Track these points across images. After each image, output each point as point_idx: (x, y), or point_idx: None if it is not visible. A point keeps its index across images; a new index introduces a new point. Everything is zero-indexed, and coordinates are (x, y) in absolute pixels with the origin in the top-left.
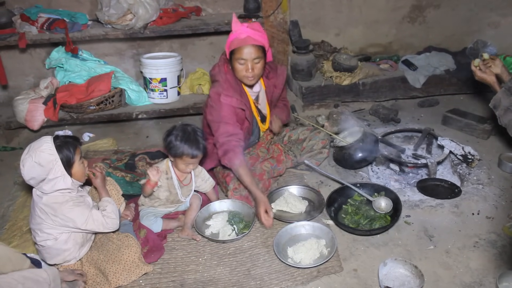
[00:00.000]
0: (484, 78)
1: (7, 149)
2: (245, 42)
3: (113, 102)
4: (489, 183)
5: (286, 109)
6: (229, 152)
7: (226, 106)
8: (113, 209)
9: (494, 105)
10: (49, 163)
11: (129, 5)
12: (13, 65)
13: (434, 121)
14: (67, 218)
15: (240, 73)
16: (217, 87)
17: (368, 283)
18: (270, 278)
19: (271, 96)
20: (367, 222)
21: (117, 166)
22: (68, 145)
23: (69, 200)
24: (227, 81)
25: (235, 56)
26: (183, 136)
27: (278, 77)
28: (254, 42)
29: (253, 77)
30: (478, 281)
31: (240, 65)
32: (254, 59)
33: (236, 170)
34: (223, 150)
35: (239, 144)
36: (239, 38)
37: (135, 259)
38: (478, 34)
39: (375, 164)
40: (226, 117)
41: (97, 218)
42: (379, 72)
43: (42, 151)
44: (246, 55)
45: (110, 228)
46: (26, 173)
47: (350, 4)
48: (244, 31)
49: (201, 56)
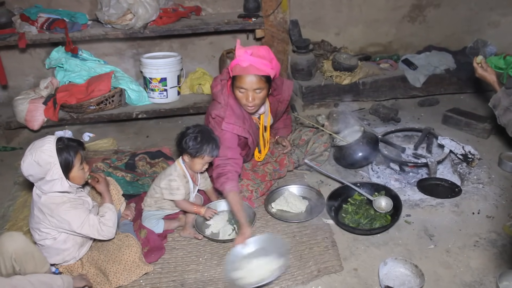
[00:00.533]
0: (485, 76)
1: (7, 149)
2: (246, 72)
3: (113, 102)
4: (489, 182)
5: (290, 125)
6: (222, 176)
7: (228, 133)
8: (112, 217)
9: (493, 104)
10: (47, 164)
11: (129, 5)
12: (13, 65)
13: (434, 121)
14: (62, 219)
15: (240, 100)
16: (219, 110)
17: (369, 283)
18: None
19: (276, 110)
20: (368, 221)
21: (117, 166)
22: (69, 149)
23: (67, 201)
24: (229, 107)
25: (236, 84)
26: (203, 137)
27: (283, 93)
28: (257, 72)
29: (253, 106)
30: (478, 280)
31: (240, 93)
32: (255, 89)
33: (227, 196)
34: (217, 173)
35: (234, 170)
36: (241, 66)
37: (136, 259)
38: (478, 33)
39: (375, 163)
40: (227, 141)
41: (93, 223)
42: (379, 72)
43: (43, 152)
44: (247, 84)
45: (105, 236)
46: (25, 170)
47: (350, 3)
48: (247, 59)
49: (201, 55)
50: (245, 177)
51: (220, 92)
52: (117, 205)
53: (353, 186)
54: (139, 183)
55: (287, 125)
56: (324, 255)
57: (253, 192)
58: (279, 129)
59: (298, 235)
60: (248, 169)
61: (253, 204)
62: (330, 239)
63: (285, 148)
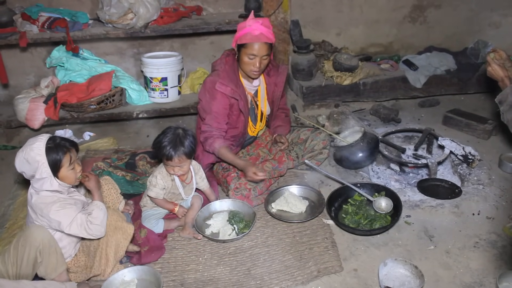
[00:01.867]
0: (497, 71)
1: (7, 148)
2: (258, 39)
3: (113, 101)
4: (489, 184)
5: (288, 124)
6: (209, 139)
7: (219, 95)
8: (99, 214)
9: (500, 100)
10: (35, 162)
11: (130, 4)
12: (14, 64)
13: (434, 121)
14: (52, 220)
15: (247, 66)
16: (214, 75)
17: (368, 283)
18: (270, 278)
19: (272, 95)
20: (367, 222)
21: (117, 165)
22: (58, 149)
23: (57, 201)
24: (225, 71)
25: (246, 51)
26: (169, 139)
27: (279, 76)
28: (267, 40)
29: (259, 71)
30: (478, 281)
31: (249, 60)
32: (263, 56)
33: (218, 152)
34: (204, 137)
35: (220, 135)
36: (253, 34)
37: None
38: (479, 34)
39: (376, 164)
40: (215, 111)
41: (81, 222)
42: (380, 72)
43: (32, 149)
44: (257, 51)
45: (93, 235)
46: (17, 166)
47: (351, 3)
48: (259, 28)
49: (202, 55)
50: (243, 175)
51: (219, 63)
52: (116, 204)
53: (353, 187)
54: (139, 183)
55: (286, 124)
56: (324, 255)
57: (251, 190)
58: (277, 127)
59: (298, 235)
60: None
61: (251, 202)
62: (330, 239)
63: (282, 145)
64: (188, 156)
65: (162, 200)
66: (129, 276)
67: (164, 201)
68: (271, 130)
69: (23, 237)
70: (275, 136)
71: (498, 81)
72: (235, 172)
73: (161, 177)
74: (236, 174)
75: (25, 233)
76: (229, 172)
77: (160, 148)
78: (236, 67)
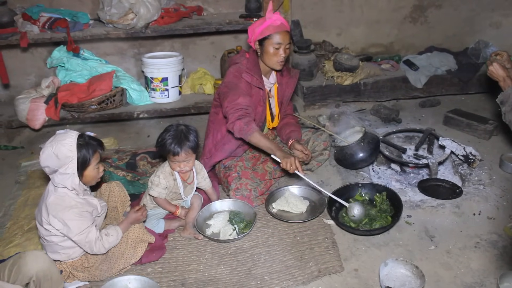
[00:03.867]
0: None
1: (8, 148)
2: (281, 28)
3: (114, 102)
4: (490, 184)
5: (300, 129)
6: (246, 116)
7: (243, 83)
8: (113, 241)
9: (501, 100)
10: (65, 158)
11: (131, 4)
12: (15, 64)
13: (435, 121)
14: (64, 224)
15: (273, 57)
16: (238, 66)
17: (369, 283)
18: (270, 278)
19: (282, 96)
20: (368, 222)
21: (118, 165)
22: (89, 147)
23: (74, 207)
24: (250, 62)
25: (271, 41)
26: (169, 136)
27: (291, 78)
28: (287, 29)
29: (283, 60)
30: (479, 282)
31: (276, 49)
32: (287, 44)
33: (252, 135)
34: (240, 114)
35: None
36: (275, 24)
37: (139, 234)
38: (479, 34)
39: (376, 164)
40: (244, 90)
41: (90, 239)
42: (381, 72)
43: (63, 145)
44: (283, 39)
45: (93, 252)
46: (43, 160)
47: (351, 4)
48: (279, 19)
49: (203, 55)
50: (244, 176)
51: (239, 57)
52: (124, 207)
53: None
54: (140, 183)
55: (298, 128)
56: (325, 255)
57: (251, 191)
58: (291, 132)
59: (298, 236)
60: (248, 168)
61: (252, 203)
62: (330, 239)
63: (300, 153)
64: (194, 150)
65: (164, 200)
66: (134, 284)
67: (166, 202)
68: (285, 137)
69: (17, 265)
70: (293, 141)
71: (499, 81)
72: (236, 172)
73: (164, 177)
74: (237, 174)
75: (19, 262)
76: (230, 172)
77: (165, 145)
78: (258, 61)
